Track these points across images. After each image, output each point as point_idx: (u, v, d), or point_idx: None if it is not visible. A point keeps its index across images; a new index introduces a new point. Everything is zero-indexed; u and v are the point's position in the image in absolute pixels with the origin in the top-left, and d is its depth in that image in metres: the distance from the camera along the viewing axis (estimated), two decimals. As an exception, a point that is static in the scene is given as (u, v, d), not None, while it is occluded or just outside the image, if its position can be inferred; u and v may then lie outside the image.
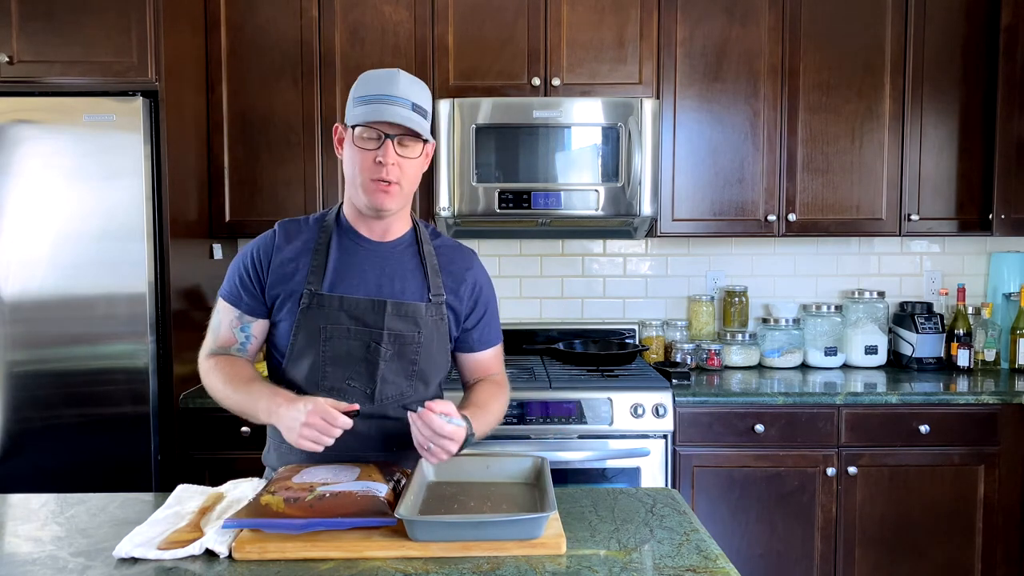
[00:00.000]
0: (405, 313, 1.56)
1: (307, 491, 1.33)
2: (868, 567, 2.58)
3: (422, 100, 1.52)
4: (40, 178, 2.37)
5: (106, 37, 2.39)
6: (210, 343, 1.63)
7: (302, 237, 1.59)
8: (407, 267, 1.60)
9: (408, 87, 1.51)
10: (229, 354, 1.61)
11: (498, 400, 1.64)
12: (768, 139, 2.83)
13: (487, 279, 1.71)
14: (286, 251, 1.58)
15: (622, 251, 3.21)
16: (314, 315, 1.54)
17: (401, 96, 1.49)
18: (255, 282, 1.58)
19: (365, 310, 1.55)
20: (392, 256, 1.60)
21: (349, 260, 1.57)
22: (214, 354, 1.61)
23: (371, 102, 1.48)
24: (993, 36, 2.80)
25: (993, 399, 2.56)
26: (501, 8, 2.78)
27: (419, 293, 1.59)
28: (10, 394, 2.39)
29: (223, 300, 1.61)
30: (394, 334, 1.55)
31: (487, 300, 1.69)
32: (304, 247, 1.58)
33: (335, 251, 1.58)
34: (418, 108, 1.51)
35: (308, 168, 2.81)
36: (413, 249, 1.62)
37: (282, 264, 1.57)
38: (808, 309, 3.11)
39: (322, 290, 1.54)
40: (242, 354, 1.62)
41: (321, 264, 1.56)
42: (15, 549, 1.31)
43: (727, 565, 1.23)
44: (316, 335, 1.54)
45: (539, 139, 2.68)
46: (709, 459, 2.55)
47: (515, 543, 1.25)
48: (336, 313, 1.54)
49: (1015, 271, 3.08)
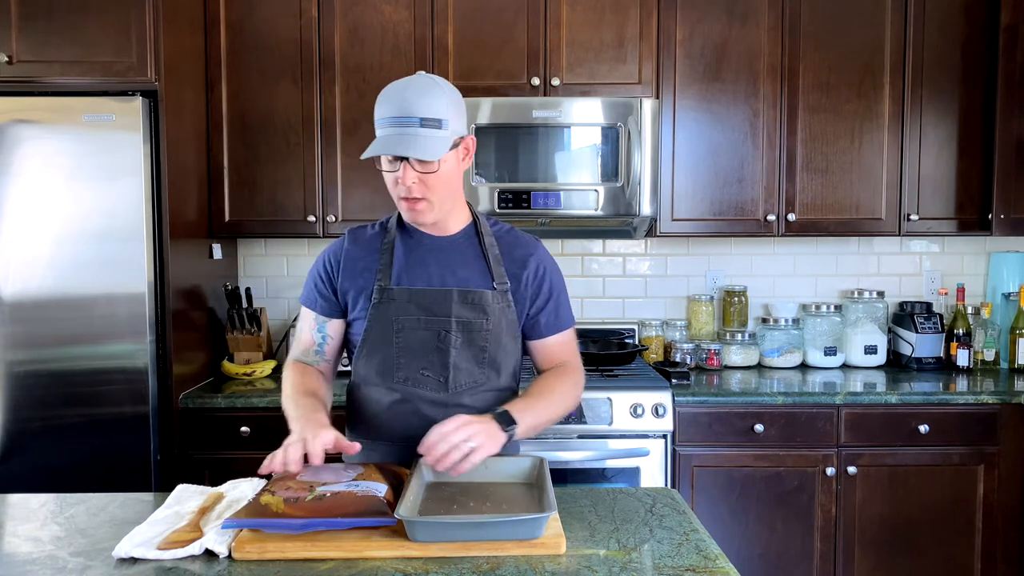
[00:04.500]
0: (471, 300, 1.60)
1: (307, 491, 1.33)
2: (867, 567, 2.58)
3: (431, 110, 1.49)
4: (40, 178, 2.36)
5: (106, 37, 2.39)
6: (294, 349, 1.73)
7: (369, 239, 1.67)
8: (469, 257, 1.64)
9: (415, 101, 1.48)
10: (308, 360, 1.69)
11: (561, 387, 1.64)
12: (768, 139, 2.83)
13: (553, 264, 1.71)
14: (355, 252, 1.66)
15: (622, 251, 3.21)
16: (385, 309, 1.60)
17: (407, 115, 1.48)
18: (328, 284, 1.66)
19: (433, 300, 1.60)
20: (454, 248, 1.64)
21: (414, 255, 1.64)
22: (297, 360, 1.70)
23: (382, 126, 1.50)
24: (993, 36, 2.80)
25: (993, 399, 2.56)
26: (501, 8, 2.78)
27: (483, 281, 1.62)
28: (10, 394, 2.39)
29: (303, 306, 1.71)
30: (462, 322, 1.60)
31: (552, 285, 1.69)
32: (371, 247, 1.66)
33: (399, 248, 1.65)
34: (427, 122, 1.49)
35: (308, 168, 2.81)
36: (474, 240, 1.66)
37: (352, 264, 1.65)
38: (808, 309, 3.11)
39: (391, 284, 1.61)
40: (320, 355, 1.69)
41: (388, 262, 1.63)
42: (15, 549, 1.31)
43: (727, 565, 1.23)
44: (389, 328, 1.60)
45: (539, 139, 2.68)
46: (709, 459, 2.55)
47: (515, 543, 1.25)
48: (406, 305, 1.60)
49: (1015, 271, 3.08)
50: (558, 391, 1.63)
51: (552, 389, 1.63)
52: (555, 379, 1.66)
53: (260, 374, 2.82)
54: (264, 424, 2.53)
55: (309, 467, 1.47)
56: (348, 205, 2.82)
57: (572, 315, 1.74)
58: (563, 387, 1.65)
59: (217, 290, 2.89)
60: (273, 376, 2.85)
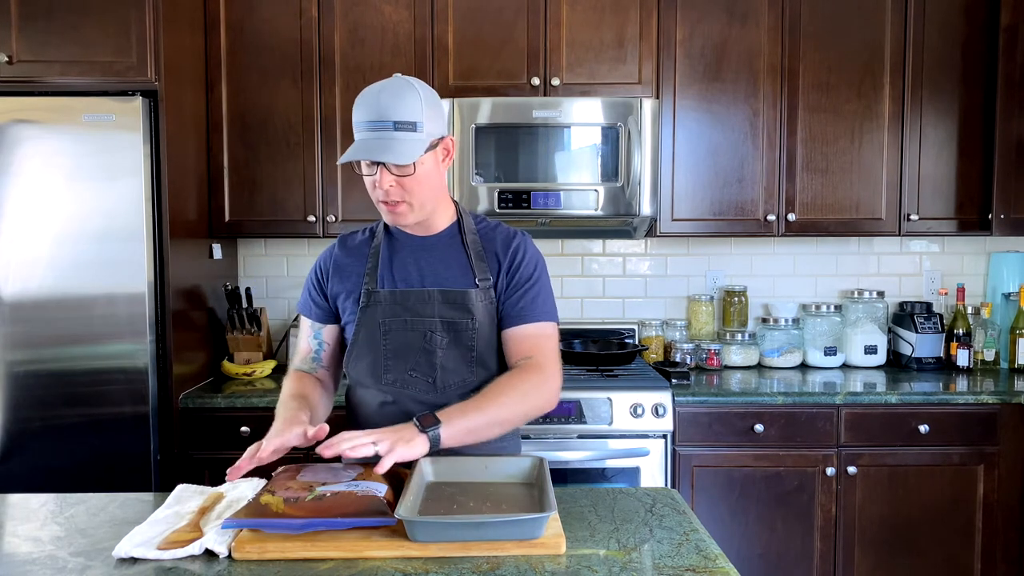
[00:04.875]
0: (454, 300, 1.60)
1: (307, 491, 1.33)
2: (867, 567, 2.58)
3: (405, 113, 1.48)
4: (40, 178, 2.36)
5: (105, 37, 2.39)
6: (294, 359, 1.76)
7: (357, 244, 1.70)
8: (451, 256, 1.64)
9: (389, 104, 1.48)
10: (306, 368, 1.72)
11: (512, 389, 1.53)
12: (768, 139, 2.83)
13: (535, 253, 1.65)
14: (343, 257, 1.69)
15: (622, 251, 3.21)
16: (372, 312, 1.62)
17: (381, 119, 1.48)
18: (319, 291, 1.70)
19: (416, 301, 1.61)
20: (436, 248, 1.65)
21: (398, 257, 1.65)
22: (296, 370, 1.72)
23: (359, 130, 1.52)
24: (993, 36, 2.80)
25: (992, 399, 2.56)
26: (501, 8, 2.78)
27: (466, 280, 1.62)
28: (10, 394, 2.39)
29: (301, 315, 1.75)
30: (447, 322, 1.60)
31: (531, 272, 1.62)
32: (359, 251, 1.68)
33: (385, 251, 1.66)
34: (401, 125, 1.48)
35: (308, 168, 2.81)
36: (457, 239, 1.66)
37: (340, 269, 1.68)
38: (808, 309, 3.11)
39: (376, 287, 1.63)
40: (318, 363, 1.72)
41: (374, 265, 1.65)
42: (14, 549, 1.31)
43: (726, 565, 1.23)
44: (376, 330, 1.62)
45: (539, 139, 2.68)
46: (708, 459, 2.55)
47: (515, 543, 1.25)
48: (392, 307, 1.61)
49: (1014, 271, 3.08)
50: (506, 393, 1.52)
51: (500, 391, 1.52)
52: (507, 379, 1.55)
53: (260, 374, 2.82)
54: (264, 424, 2.50)
55: (309, 467, 1.47)
56: (348, 205, 2.82)
57: (553, 312, 1.64)
58: (516, 389, 1.53)
59: (217, 290, 2.89)
60: (273, 376, 2.85)
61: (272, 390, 2.61)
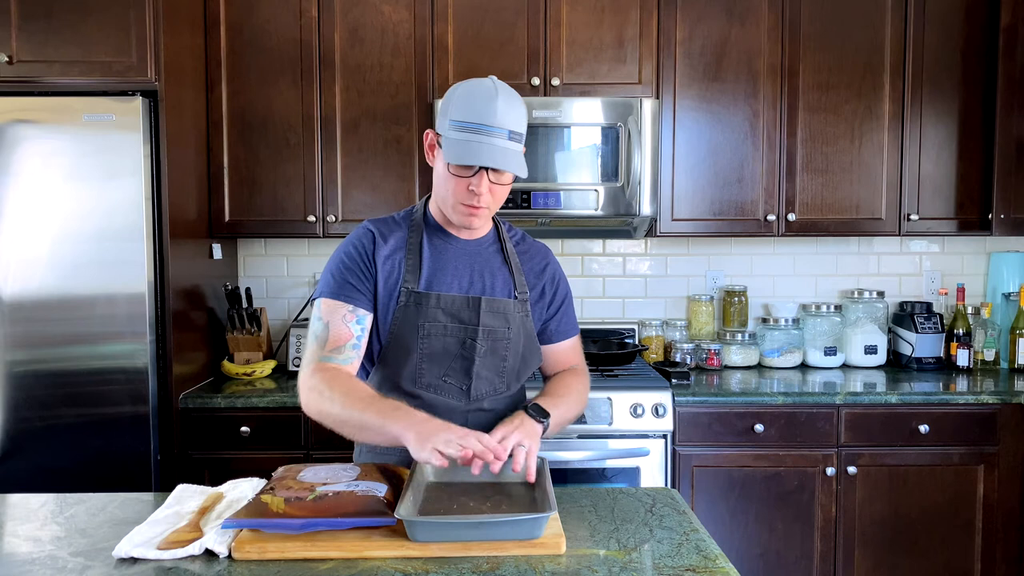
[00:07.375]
0: (497, 309, 1.59)
1: (307, 491, 1.33)
2: (867, 567, 2.58)
3: (519, 124, 1.49)
4: (40, 178, 2.36)
5: (105, 37, 2.39)
6: (316, 350, 1.53)
7: (395, 235, 1.61)
8: (494, 265, 1.63)
9: (505, 113, 1.46)
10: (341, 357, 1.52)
11: (577, 386, 1.66)
12: (767, 139, 2.83)
13: (562, 273, 1.74)
14: (385, 248, 1.58)
15: (622, 251, 3.21)
16: (412, 313, 1.56)
17: (498, 126, 1.46)
18: (366, 277, 1.56)
19: (461, 307, 1.57)
20: (480, 254, 1.63)
21: (442, 258, 1.60)
22: (324, 362, 1.51)
23: (467, 131, 1.46)
24: (993, 36, 2.80)
25: (992, 399, 2.56)
26: (501, 8, 2.78)
27: (507, 290, 1.62)
28: (10, 394, 2.39)
29: (329, 300, 1.55)
30: (488, 330, 1.58)
31: (564, 292, 1.72)
32: (398, 244, 1.59)
33: (427, 249, 1.60)
34: (515, 136, 1.48)
35: (308, 168, 2.80)
36: (497, 247, 1.66)
37: (384, 261, 1.58)
38: (808, 309, 3.11)
39: (419, 288, 1.56)
40: (356, 351, 1.54)
41: (416, 263, 1.58)
42: (14, 549, 1.31)
43: (726, 565, 1.23)
44: (414, 332, 1.56)
45: (539, 139, 2.68)
46: (708, 459, 2.55)
47: (515, 543, 1.25)
48: (433, 311, 1.56)
49: (1015, 271, 3.08)
50: (575, 390, 1.65)
51: (570, 388, 1.65)
52: (572, 378, 1.68)
53: (260, 374, 2.82)
54: (264, 424, 2.53)
55: (309, 467, 1.47)
56: (348, 205, 2.82)
57: (576, 322, 1.77)
58: (579, 387, 1.67)
59: (217, 290, 2.89)
60: (273, 376, 2.85)
61: (272, 390, 2.61)
